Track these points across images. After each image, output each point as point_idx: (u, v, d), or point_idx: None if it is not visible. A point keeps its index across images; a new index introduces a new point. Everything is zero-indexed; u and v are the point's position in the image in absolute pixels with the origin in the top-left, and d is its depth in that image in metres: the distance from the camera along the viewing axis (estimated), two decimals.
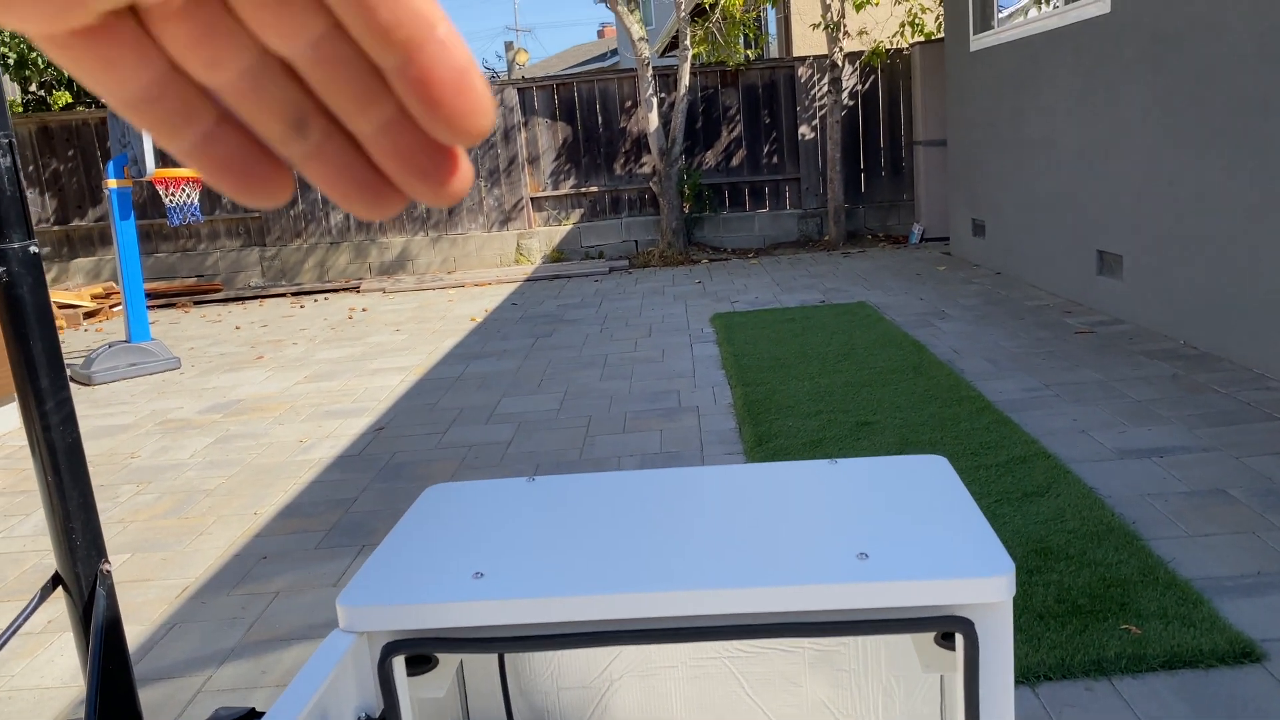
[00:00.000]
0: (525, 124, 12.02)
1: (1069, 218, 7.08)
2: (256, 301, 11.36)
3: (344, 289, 11.59)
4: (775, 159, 11.92)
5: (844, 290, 8.57)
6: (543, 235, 12.12)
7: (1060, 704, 2.52)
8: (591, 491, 1.49)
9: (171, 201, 7.38)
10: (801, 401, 5.13)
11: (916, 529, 1.26)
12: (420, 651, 1.20)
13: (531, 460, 4.75)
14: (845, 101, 11.62)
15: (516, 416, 5.53)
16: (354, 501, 4.41)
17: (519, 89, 11.98)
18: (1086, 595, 2.96)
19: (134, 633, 3.30)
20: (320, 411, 6.01)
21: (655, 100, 11.22)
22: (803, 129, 11.79)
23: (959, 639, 1.17)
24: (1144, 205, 5.97)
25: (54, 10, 0.24)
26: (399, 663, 1.22)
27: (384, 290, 11.25)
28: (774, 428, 4.74)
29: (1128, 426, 4.38)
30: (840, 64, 11.00)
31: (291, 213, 12.14)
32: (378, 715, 1.24)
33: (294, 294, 11.56)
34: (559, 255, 12.09)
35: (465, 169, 0.30)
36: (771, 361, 6.04)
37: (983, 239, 8.99)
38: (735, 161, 11.98)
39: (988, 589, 1.13)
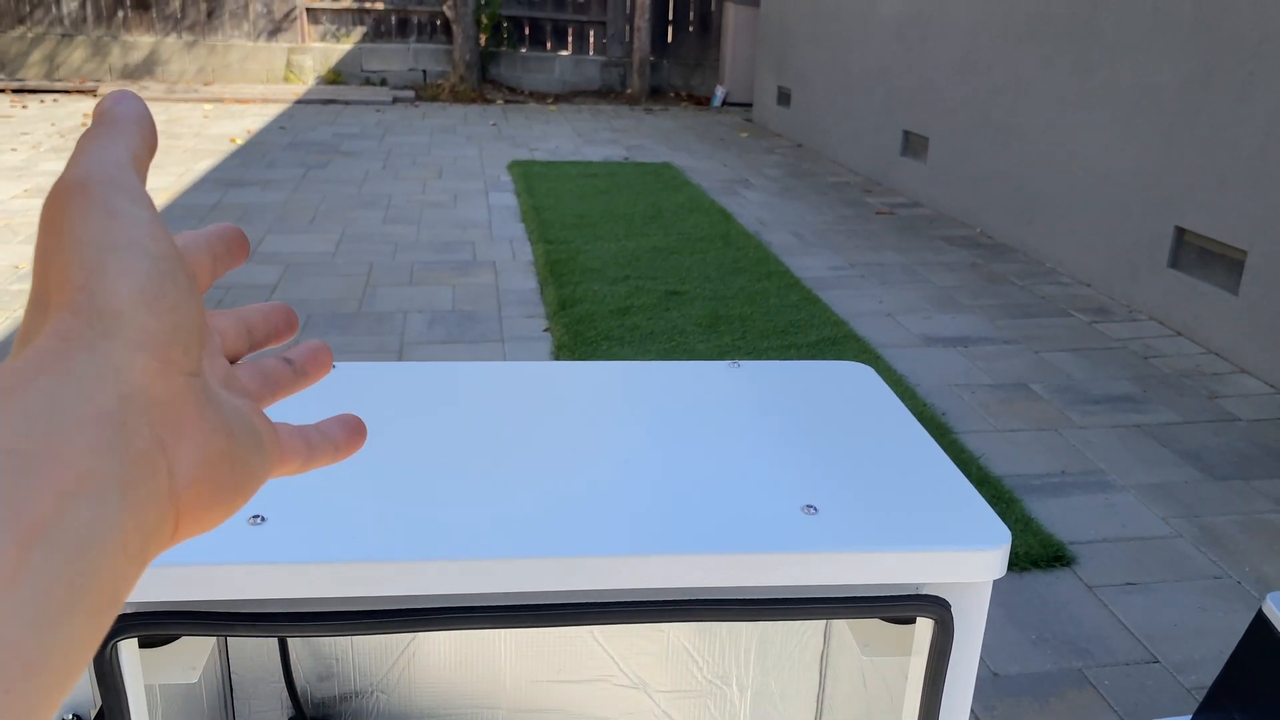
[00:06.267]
0: None
1: (879, 94, 6.99)
2: None
3: (78, 91, 10.02)
4: None
5: (647, 148, 8.20)
6: (318, 53, 10.91)
7: None
8: (411, 390, 1.08)
9: None
10: (607, 265, 4.80)
11: (865, 469, 0.95)
12: (160, 632, 0.79)
13: (302, 310, 4.18)
14: None
15: (284, 257, 4.88)
16: None
17: None
18: None
19: None
20: None
21: None
22: None
23: (922, 622, 0.90)
24: (957, 89, 5.92)
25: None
26: (128, 647, 0.80)
27: None
28: (579, 291, 4.39)
29: (932, 313, 4.35)
30: None
31: None
32: (93, 715, 0.83)
33: (15, 91, 9.88)
34: (336, 78, 10.95)
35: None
36: (575, 219, 5.64)
37: (787, 108, 8.83)
38: None
39: (974, 566, 0.85)
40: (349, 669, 1.27)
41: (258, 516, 0.83)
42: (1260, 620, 1.68)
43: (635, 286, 4.49)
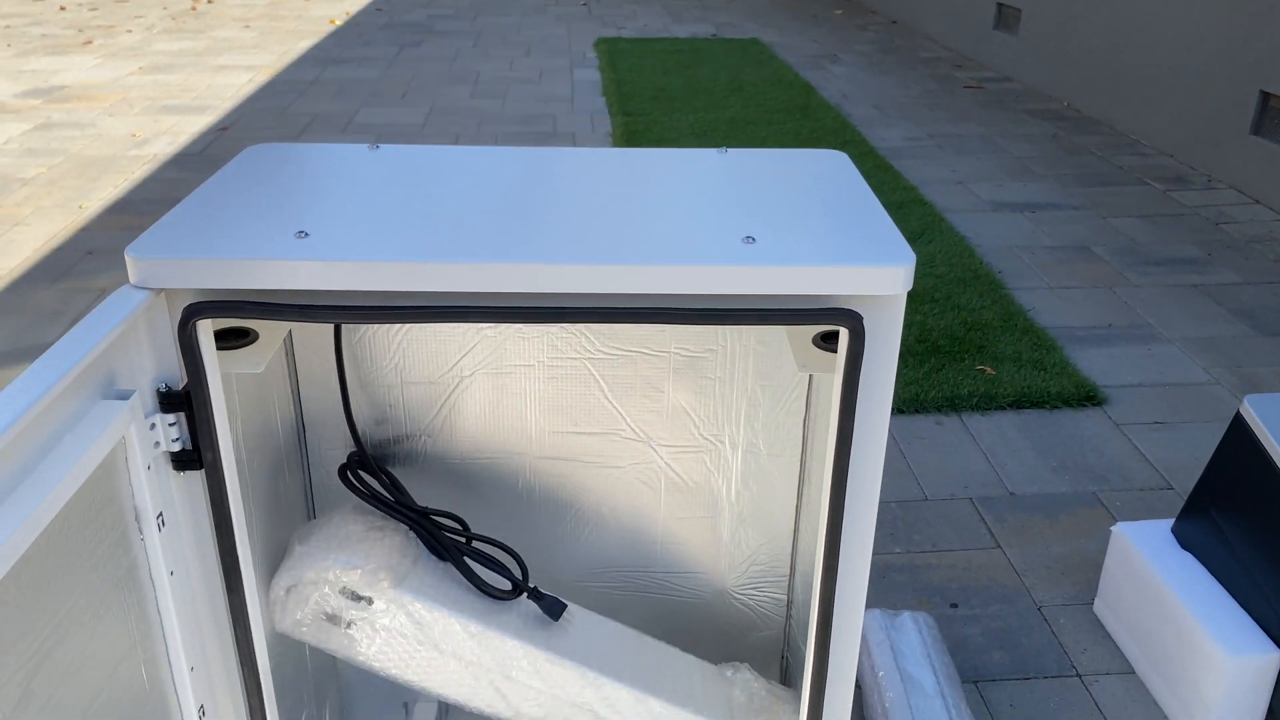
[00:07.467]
0: None
1: None
2: None
3: None
4: None
5: (737, 25, 8.15)
6: None
7: (910, 435, 2.57)
8: (445, 163, 1.28)
9: None
10: (684, 135, 4.91)
11: (809, 217, 1.12)
12: (230, 316, 1.02)
13: None
14: None
15: (376, 128, 5.12)
16: None
17: None
18: (947, 337, 2.98)
19: None
20: (157, 106, 5.44)
21: None
22: None
23: (843, 336, 1.07)
24: None
25: None
26: (205, 327, 1.03)
27: None
28: None
29: (1004, 181, 4.36)
30: None
31: None
32: (181, 387, 1.06)
33: None
34: None
35: None
36: (656, 92, 5.73)
37: None
38: None
39: (882, 279, 1.01)
40: (400, 415, 1.51)
41: (302, 232, 1.04)
42: (1238, 421, 1.79)
43: None
